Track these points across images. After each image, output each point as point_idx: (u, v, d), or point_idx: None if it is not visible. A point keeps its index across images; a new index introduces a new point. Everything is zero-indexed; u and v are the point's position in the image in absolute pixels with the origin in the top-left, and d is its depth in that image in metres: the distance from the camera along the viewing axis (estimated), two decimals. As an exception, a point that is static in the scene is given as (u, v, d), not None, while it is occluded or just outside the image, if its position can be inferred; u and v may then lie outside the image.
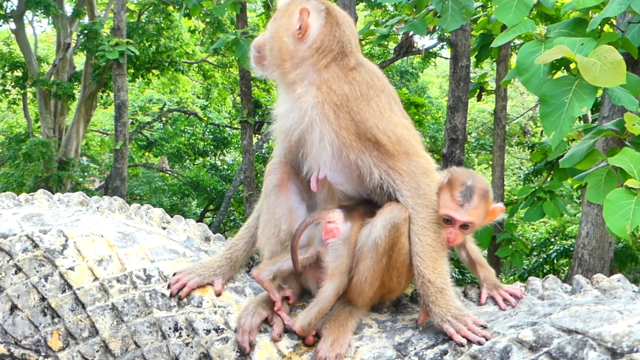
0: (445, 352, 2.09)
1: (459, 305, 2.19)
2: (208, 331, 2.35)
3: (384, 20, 8.41)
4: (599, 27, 4.53)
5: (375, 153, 2.28)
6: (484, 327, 2.10)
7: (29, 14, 18.53)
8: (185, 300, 2.42)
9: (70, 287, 2.50)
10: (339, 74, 2.33)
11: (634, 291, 2.12)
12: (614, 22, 4.79)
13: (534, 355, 1.91)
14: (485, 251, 8.76)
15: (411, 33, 6.64)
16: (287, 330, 2.33)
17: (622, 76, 2.80)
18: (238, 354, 2.28)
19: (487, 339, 2.04)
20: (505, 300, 2.28)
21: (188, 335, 2.36)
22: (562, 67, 3.63)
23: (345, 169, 2.35)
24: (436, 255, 2.24)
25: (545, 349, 1.90)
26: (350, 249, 2.26)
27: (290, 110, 2.38)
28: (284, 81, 2.41)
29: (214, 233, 2.96)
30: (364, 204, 2.40)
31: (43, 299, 2.51)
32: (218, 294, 2.45)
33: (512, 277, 13.14)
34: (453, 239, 2.27)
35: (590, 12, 4.08)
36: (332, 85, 2.30)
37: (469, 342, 2.06)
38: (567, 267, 12.24)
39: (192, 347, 2.34)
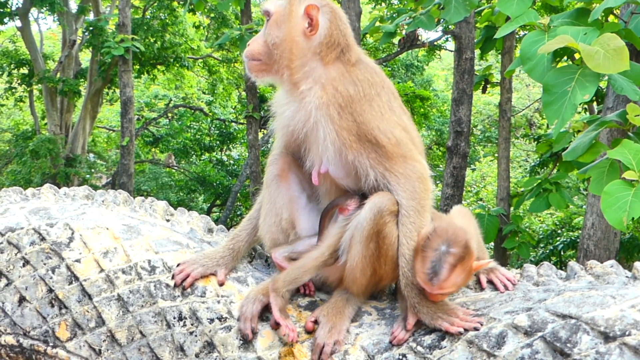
0: (442, 338, 2.13)
1: (445, 300, 2.22)
2: (211, 320, 2.39)
3: (388, 17, 8.39)
4: (603, 17, 4.52)
5: (373, 155, 2.31)
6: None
7: (34, 11, 18.62)
8: (189, 290, 2.46)
9: (76, 278, 2.54)
10: (343, 72, 2.35)
11: (626, 277, 2.15)
12: (618, 13, 4.78)
13: (529, 339, 1.95)
14: (492, 243, 8.75)
15: (415, 24, 6.61)
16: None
17: (625, 62, 2.78)
18: (241, 341, 2.33)
19: (482, 324, 2.07)
20: (503, 284, 2.32)
21: (192, 325, 2.40)
22: (566, 57, 3.63)
23: (345, 166, 2.38)
24: None
25: (539, 334, 1.94)
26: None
27: (296, 110, 2.39)
28: (290, 81, 2.40)
29: (220, 227, 3.00)
30: None
31: (50, 290, 2.55)
32: (221, 284, 2.50)
33: (518, 269, 13.11)
34: (433, 299, 2.20)
35: (593, 3, 4.07)
36: (337, 86, 2.32)
37: (466, 330, 2.09)
38: (574, 259, 12.21)
39: (196, 335, 2.38)
